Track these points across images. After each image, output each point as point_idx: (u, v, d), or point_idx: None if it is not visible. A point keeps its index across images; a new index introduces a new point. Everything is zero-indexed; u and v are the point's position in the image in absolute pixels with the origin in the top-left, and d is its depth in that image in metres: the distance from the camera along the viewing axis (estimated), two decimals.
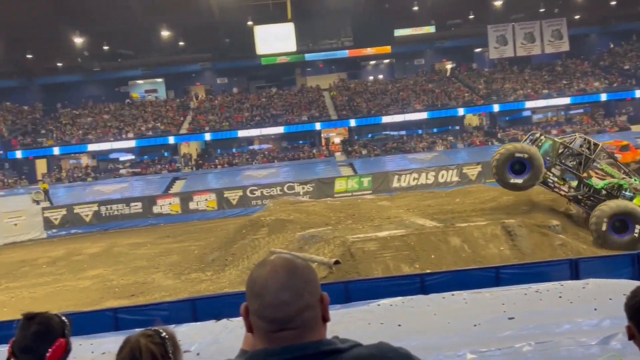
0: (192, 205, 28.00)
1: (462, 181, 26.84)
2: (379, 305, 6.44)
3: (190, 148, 36.67)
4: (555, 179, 14.29)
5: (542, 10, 38.78)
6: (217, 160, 34.36)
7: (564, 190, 14.36)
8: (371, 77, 41.94)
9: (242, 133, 35.26)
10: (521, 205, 14.79)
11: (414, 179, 28.30)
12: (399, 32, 38.83)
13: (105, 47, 36.91)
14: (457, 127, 37.55)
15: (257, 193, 28.19)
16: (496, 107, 36.07)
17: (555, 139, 15.54)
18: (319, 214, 16.02)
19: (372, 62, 42.97)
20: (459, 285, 7.04)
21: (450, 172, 28.28)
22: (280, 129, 35.44)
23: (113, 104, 38.19)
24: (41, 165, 34.76)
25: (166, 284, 13.26)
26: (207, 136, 35.10)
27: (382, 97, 37.14)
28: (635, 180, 14.25)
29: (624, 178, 14.26)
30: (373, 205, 17.09)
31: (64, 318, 2.13)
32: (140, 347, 1.61)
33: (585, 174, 14.19)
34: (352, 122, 35.45)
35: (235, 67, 39.64)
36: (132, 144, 34.67)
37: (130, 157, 36.40)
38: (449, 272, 7.90)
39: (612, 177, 14.35)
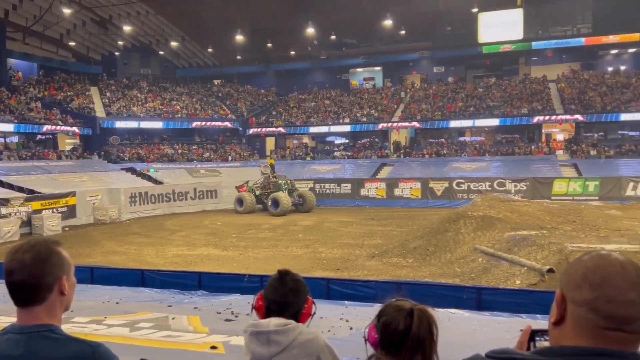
0: (396, 192, 28.62)
1: None
2: None
3: (400, 136, 37.25)
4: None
5: None
6: (425, 150, 34.28)
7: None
8: (610, 69, 36.71)
9: (454, 123, 34.46)
10: None
11: None
12: None
13: (332, 37, 39.52)
14: None
15: (464, 186, 27.47)
16: None
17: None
18: (532, 215, 14.84)
19: (613, 52, 37.50)
20: None
21: None
22: (495, 121, 33.61)
23: (334, 90, 40.91)
24: (270, 143, 39.29)
25: (369, 264, 13.83)
26: (418, 125, 35.19)
27: (623, 91, 32.27)
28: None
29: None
30: (599, 214, 15.14)
31: None
32: (425, 311, 1.64)
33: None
34: (581, 118, 31.69)
35: (453, 56, 38.74)
36: (347, 128, 36.76)
37: (344, 140, 38.63)
38: None
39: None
